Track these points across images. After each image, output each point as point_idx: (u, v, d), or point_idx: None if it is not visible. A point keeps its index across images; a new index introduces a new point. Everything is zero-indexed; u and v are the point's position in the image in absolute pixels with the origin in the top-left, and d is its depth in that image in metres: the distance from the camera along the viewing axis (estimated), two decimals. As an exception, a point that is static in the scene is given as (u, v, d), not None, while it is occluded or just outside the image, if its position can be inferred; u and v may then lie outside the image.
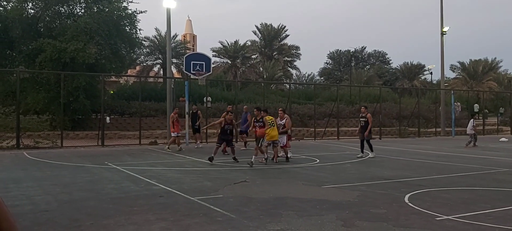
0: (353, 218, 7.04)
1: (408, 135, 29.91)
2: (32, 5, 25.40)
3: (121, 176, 11.47)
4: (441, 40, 33.10)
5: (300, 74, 65.33)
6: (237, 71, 55.23)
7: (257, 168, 13.21)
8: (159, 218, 6.94)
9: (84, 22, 23.47)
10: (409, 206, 8.00)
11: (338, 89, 33.13)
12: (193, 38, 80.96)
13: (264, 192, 9.15)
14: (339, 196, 8.81)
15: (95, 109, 25.59)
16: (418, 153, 18.25)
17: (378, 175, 11.84)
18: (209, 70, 23.42)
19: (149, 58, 49.14)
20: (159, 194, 8.93)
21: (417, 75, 65.16)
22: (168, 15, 23.46)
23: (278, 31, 61.08)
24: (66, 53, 22.34)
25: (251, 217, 7.01)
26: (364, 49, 72.85)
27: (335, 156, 16.63)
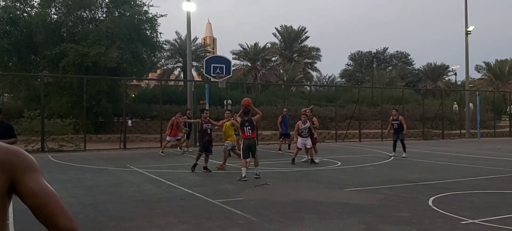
0: (376, 221, 6.92)
1: (432, 137, 29.39)
2: (55, 11, 25.88)
3: (143, 178, 11.55)
4: (465, 40, 32.47)
5: (320, 76, 65.02)
6: (257, 73, 55.20)
7: (278, 171, 13.14)
8: (181, 221, 6.94)
9: (106, 26, 23.78)
10: (434, 209, 7.83)
11: (360, 91, 32.74)
12: (213, 41, 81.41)
13: (285, 195, 9.08)
14: (362, 199, 8.68)
15: (117, 113, 25.89)
16: (442, 155, 17.90)
17: (402, 177, 11.65)
18: (229, 73, 23.46)
19: (170, 61, 49.60)
20: (180, 196, 8.95)
21: (441, 76, 64.07)
22: (188, 18, 23.61)
23: (298, 33, 60.88)
24: (88, 57, 22.67)
25: (272, 220, 6.95)
26: (386, 50, 72.06)
27: (357, 159, 16.44)
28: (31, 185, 1.42)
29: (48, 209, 1.39)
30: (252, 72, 55.33)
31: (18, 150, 1.48)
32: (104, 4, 26.46)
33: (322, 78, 64.74)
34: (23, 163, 1.45)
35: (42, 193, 1.41)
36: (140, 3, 25.97)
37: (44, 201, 1.40)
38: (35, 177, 1.44)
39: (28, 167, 1.45)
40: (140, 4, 25.93)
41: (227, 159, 13.87)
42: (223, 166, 13.59)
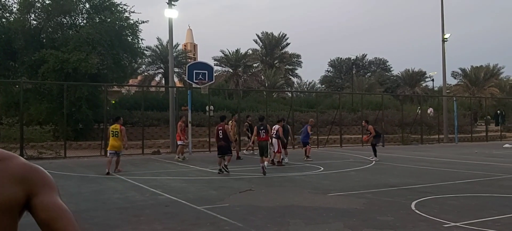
0: (361, 225, 7.02)
1: (411, 141, 29.86)
2: (34, 16, 25.52)
3: (125, 186, 11.46)
4: (442, 47, 33.14)
5: (301, 82, 65.42)
6: (239, 79, 55.26)
7: (261, 177, 13.19)
8: (166, 227, 6.93)
9: (86, 32, 23.54)
10: (416, 213, 7.98)
11: (340, 97, 33.09)
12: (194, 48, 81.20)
13: (270, 201, 9.13)
14: (346, 203, 8.79)
15: (98, 119, 25.59)
16: (422, 160, 18.21)
17: (384, 182, 11.82)
18: (211, 79, 23.45)
19: (151, 67, 49.30)
20: (165, 203, 8.91)
21: (419, 82, 65.16)
22: (170, 24, 23.55)
23: (279, 40, 61.22)
24: (68, 63, 22.40)
25: (258, 226, 6.99)
26: (365, 56, 72.92)
27: (339, 164, 16.60)
28: (45, 200, 1.41)
29: (59, 224, 1.37)
30: (233, 78, 55.36)
31: (37, 168, 1.48)
32: (84, 10, 26.21)
33: (302, 84, 65.19)
34: (41, 179, 1.45)
35: (56, 208, 1.40)
36: (121, 9, 25.81)
37: (56, 215, 1.38)
38: (51, 193, 1.44)
39: (46, 184, 1.45)
40: (121, 10, 25.77)
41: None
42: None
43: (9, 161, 1.45)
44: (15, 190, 1.41)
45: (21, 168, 1.44)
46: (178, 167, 16.06)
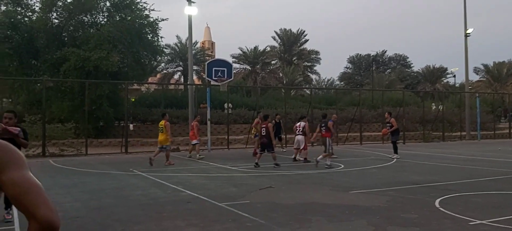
0: (384, 223, 6.92)
1: (432, 139, 29.43)
2: (56, 15, 25.89)
3: (147, 182, 11.54)
4: (464, 43, 32.56)
5: (319, 79, 65.04)
6: (257, 77, 55.23)
7: (281, 174, 13.15)
8: (189, 224, 6.94)
9: (107, 31, 23.80)
10: (441, 210, 7.84)
11: (360, 94, 32.77)
12: (212, 45, 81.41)
13: (291, 198, 9.08)
14: (368, 201, 8.68)
15: (118, 117, 25.87)
16: (444, 157, 17.92)
17: (406, 179, 11.66)
18: (230, 76, 23.49)
19: (170, 65, 49.61)
20: (187, 200, 8.94)
21: (440, 78, 64.21)
22: (190, 22, 23.64)
23: (297, 36, 60.98)
24: (89, 61, 22.68)
25: (280, 223, 6.95)
26: (385, 53, 72.19)
27: (360, 161, 16.44)
28: (13, 175, 1.39)
29: (29, 198, 1.36)
30: (252, 75, 55.36)
31: (6, 145, 1.46)
32: (105, 9, 26.49)
33: (321, 81, 64.80)
34: (8, 156, 1.43)
35: (25, 183, 1.39)
36: (141, 8, 26.02)
37: (25, 190, 1.37)
38: (20, 169, 1.42)
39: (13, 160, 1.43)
40: (141, 9, 25.98)
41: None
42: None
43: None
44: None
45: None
46: (198, 164, 16.12)
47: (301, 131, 16.56)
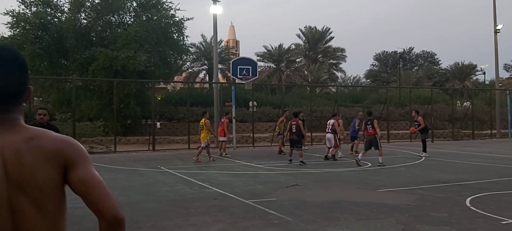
0: (414, 221, 6.82)
1: (462, 137, 28.81)
2: (84, 16, 26.38)
3: (174, 179, 11.67)
4: (494, 39, 31.74)
5: (345, 77, 64.36)
6: (282, 75, 55.06)
7: (307, 172, 13.10)
8: (216, 220, 6.98)
9: (134, 30, 24.13)
10: (472, 209, 7.68)
11: (387, 91, 32.32)
12: (236, 44, 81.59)
13: (318, 196, 9.03)
14: (397, 199, 8.56)
15: (145, 115, 26.24)
16: (475, 156, 17.52)
17: (435, 178, 11.46)
18: (255, 74, 23.52)
19: (195, 64, 49.92)
20: (213, 196, 9.00)
21: (469, 75, 62.73)
22: (215, 21, 23.77)
23: (322, 34, 60.49)
24: (117, 61, 23.04)
25: (307, 220, 6.92)
26: (412, 50, 70.90)
27: (388, 159, 16.21)
28: (80, 173, 1.46)
29: (95, 194, 1.43)
30: (276, 73, 55.20)
31: (72, 141, 1.52)
32: (132, 9, 26.86)
33: (347, 79, 64.12)
34: (75, 152, 1.49)
35: (90, 180, 1.46)
36: (167, 7, 26.29)
37: (92, 187, 1.44)
38: (85, 166, 1.48)
39: (80, 156, 1.49)
40: (167, 8, 26.24)
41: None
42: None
43: (42, 138, 1.47)
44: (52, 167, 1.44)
45: (53, 143, 1.47)
46: (224, 162, 16.21)
47: (330, 129, 16.52)
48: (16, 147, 1.44)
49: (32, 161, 1.42)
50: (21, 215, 1.42)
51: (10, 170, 1.42)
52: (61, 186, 1.48)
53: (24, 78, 1.55)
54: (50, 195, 1.44)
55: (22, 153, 1.43)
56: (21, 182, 1.41)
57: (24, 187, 1.41)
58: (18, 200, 1.42)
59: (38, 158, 1.43)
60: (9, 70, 1.49)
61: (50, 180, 1.44)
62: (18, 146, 1.44)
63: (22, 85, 1.54)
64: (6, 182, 1.41)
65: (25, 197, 1.42)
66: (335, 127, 16.51)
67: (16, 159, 1.42)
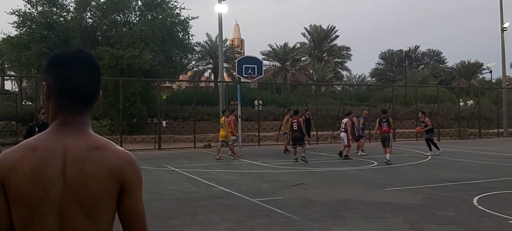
0: (421, 221, 6.80)
1: (468, 136, 28.67)
2: (90, 15, 26.49)
3: (180, 178, 11.69)
4: (501, 37, 31.56)
5: (351, 75, 64.24)
6: (287, 73, 55.04)
7: (313, 171, 13.09)
8: (223, 218, 6.99)
9: (140, 29, 24.20)
10: (479, 208, 7.65)
11: (393, 90, 32.21)
12: (241, 43, 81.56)
13: (324, 195, 9.02)
14: (403, 198, 8.54)
15: (151, 114, 26.31)
16: (481, 155, 17.43)
17: (442, 177, 11.41)
18: (261, 73, 23.52)
19: (201, 63, 49.98)
20: (220, 195, 9.01)
21: (475, 74, 62.41)
22: (220, 20, 23.77)
23: (327, 32, 60.38)
24: (123, 60, 23.11)
25: (314, 219, 6.92)
26: (418, 48, 70.67)
27: (394, 158, 16.09)
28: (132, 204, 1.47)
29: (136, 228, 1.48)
30: (281, 72, 55.19)
31: (132, 160, 1.50)
32: (137, 8, 26.93)
33: (352, 78, 63.99)
34: (134, 174, 1.49)
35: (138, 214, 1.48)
36: (172, 6, 26.34)
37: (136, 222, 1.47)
38: (137, 194, 1.49)
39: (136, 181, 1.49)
40: (172, 7, 26.29)
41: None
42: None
43: (105, 149, 1.47)
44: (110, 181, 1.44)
45: (116, 159, 1.47)
46: (229, 161, 16.21)
47: (343, 128, 16.57)
48: (78, 154, 1.43)
49: (92, 170, 1.42)
50: (70, 221, 1.42)
51: (69, 175, 1.42)
52: (114, 200, 1.47)
53: (99, 81, 1.56)
54: (102, 206, 1.44)
55: (83, 160, 1.43)
56: (77, 189, 1.41)
57: (79, 194, 1.41)
58: (70, 206, 1.41)
59: (98, 168, 1.43)
60: (87, 73, 1.51)
61: (105, 192, 1.43)
62: (81, 152, 1.44)
63: (96, 89, 1.54)
64: (63, 186, 1.41)
65: (77, 204, 1.41)
66: (347, 126, 16.47)
67: (76, 166, 1.42)
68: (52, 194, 1.40)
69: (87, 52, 1.55)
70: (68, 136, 1.46)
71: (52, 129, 1.50)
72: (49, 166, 1.41)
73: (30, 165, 1.41)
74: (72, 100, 1.49)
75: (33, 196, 1.40)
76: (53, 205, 1.41)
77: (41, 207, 1.41)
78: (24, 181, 1.40)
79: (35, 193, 1.40)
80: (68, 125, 1.48)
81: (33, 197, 1.40)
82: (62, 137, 1.46)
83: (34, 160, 1.42)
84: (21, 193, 1.41)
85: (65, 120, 1.49)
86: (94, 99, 1.54)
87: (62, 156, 1.43)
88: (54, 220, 1.41)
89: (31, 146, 1.45)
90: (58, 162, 1.42)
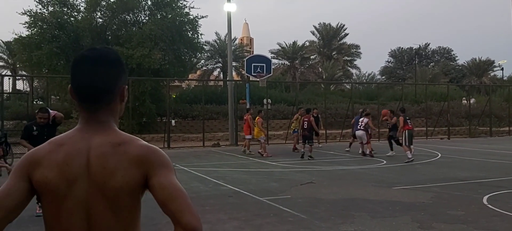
0: (429, 220, 6.77)
1: (479, 134, 28.42)
2: (100, 15, 26.64)
3: (189, 176, 11.74)
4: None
5: (360, 73, 63.92)
6: (296, 72, 54.95)
7: (322, 170, 13.07)
8: (231, 217, 7.02)
9: (149, 29, 24.31)
10: (489, 207, 7.60)
11: (403, 88, 31.99)
12: (250, 41, 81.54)
13: (333, 193, 9.01)
14: (412, 197, 8.50)
15: (160, 113, 26.43)
16: (492, 153, 17.28)
17: (451, 175, 11.33)
18: (269, 71, 23.54)
19: (210, 62, 50.07)
20: (228, 194, 9.04)
21: (486, 71, 61.79)
22: (229, 19, 23.80)
23: (337, 31, 60.16)
24: (132, 59, 23.23)
25: (322, 218, 6.92)
26: (428, 46, 70.17)
27: (403, 157, 16.04)
28: (162, 180, 1.45)
29: (175, 204, 1.41)
30: (290, 71, 55.12)
31: (155, 149, 1.52)
32: (146, 7, 27.04)
33: (361, 76, 63.68)
34: (158, 160, 1.49)
35: (171, 188, 1.44)
36: (181, 5, 26.41)
37: (172, 196, 1.43)
38: (167, 173, 1.48)
39: (163, 165, 1.49)
40: (181, 6, 26.36)
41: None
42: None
43: (129, 144, 1.50)
44: (134, 173, 1.46)
45: (139, 150, 1.49)
46: (238, 159, 16.25)
47: (362, 127, 16.58)
48: (102, 150, 1.46)
49: (115, 166, 1.44)
50: (96, 217, 1.45)
51: (93, 172, 1.45)
52: (139, 194, 1.50)
53: (110, 77, 1.54)
54: (126, 201, 1.46)
55: (106, 156, 1.45)
56: (102, 185, 1.44)
57: (104, 190, 1.44)
58: (95, 202, 1.44)
59: (121, 163, 1.45)
60: (92, 71, 1.51)
61: (128, 185, 1.45)
62: (104, 149, 1.47)
63: (108, 84, 1.53)
64: (88, 183, 1.44)
65: (103, 199, 1.44)
66: (370, 124, 16.86)
67: (100, 162, 1.45)
68: (77, 190, 1.44)
69: (99, 49, 1.56)
70: (92, 133, 1.50)
71: (77, 126, 1.55)
72: (73, 162, 1.45)
73: (56, 161, 1.46)
74: (85, 99, 1.53)
75: (58, 192, 1.44)
76: (79, 202, 1.45)
77: (67, 204, 1.45)
78: (50, 177, 1.45)
79: (60, 189, 1.44)
80: (91, 122, 1.52)
81: (58, 193, 1.44)
82: (86, 135, 1.50)
83: (60, 156, 1.46)
84: (47, 188, 1.45)
85: (87, 118, 1.53)
86: (108, 94, 1.54)
87: (86, 153, 1.47)
88: (80, 217, 1.45)
89: (58, 143, 1.50)
90: (83, 159, 1.46)
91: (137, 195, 1.50)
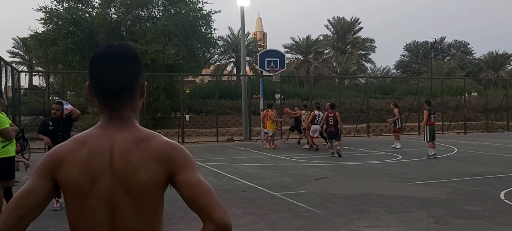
0: (446, 215, 6.69)
1: (496, 129, 28.01)
2: (114, 11, 26.84)
3: (203, 171, 11.76)
4: (531, 26, 30.58)
5: (375, 67, 63.36)
6: (310, 66, 54.69)
7: (336, 165, 13.02)
8: (245, 212, 7.03)
9: (163, 24, 24.41)
10: (506, 203, 7.49)
11: (418, 82, 31.66)
12: (264, 36, 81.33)
13: (347, 188, 8.97)
14: (428, 192, 8.41)
15: (174, 108, 26.57)
16: (509, 148, 17.02)
17: (468, 170, 11.19)
18: (283, 66, 23.45)
19: (223, 57, 50.10)
20: (242, 189, 9.05)
21: (503, 65, 60.77)
22: (242, 13, 23.76)
23: (351, 24, 59.67)
24: (147, 55, 23.37)
25: (337, 213, 6.89)
26: (444, 39, 69.24)
27: (418, 152, 15.92)
28: (189, 177, 1.45)
29: (204, 200, 1.41)
30: (304, 65, 54.87)
31: (178, 146, 1.53)
32: (160, 3, 27.16)
33: (376, 70, 63.14)
34: (182, 158, 1.49)
35: (199, 185, 1.44)
36: (194, 1, 26.46)
37: (200, 192, 1.43)
38: (192, 171, 1.48)
39: (187, 162, 1.49)
40: (194, 2, 26.41)
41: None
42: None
43: (152, 140, 1.50)
44: (157, 169, 1.46)
45: (162, 147, 1.49)
46: (252, 154, 16.26)
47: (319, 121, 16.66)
48: (125, 146, 1.47)
49: (138, 161, 1.45)
50: (120, 213, 1.45)
51: (116, 168, 1.45)
52: (162, 190, 1.50)
53: (131, 73, 1.54)
54: (149, 196, 1.46)
55: (130, 152, 1.46)
56: (125, 181, 1.44)
57: (127, 185, 1.44)
58: (119, 198, 1.45)
59: (144, 158, 1.45)
60: (113, 68, 1.50)
61: (152, 181, 1.45)
62: (127, 145, 1.47)
63: (127, 80, 1.53)
64: (111, 179, 1.45)
65: (126, 195, 1.44)
66: (396, 113, 17.80)
67: (123, 158, 1.45)
68: (100, 187, 1.45)
69: (117, 46, 1.55)
70: (115, 130, 1.50)
71: (99, 124, 1.55)
72: (96, 159, 1.46)
73: (78, 158, 1.46)
74: (107, 96, 1.53)
75: (82, 189, 1.45)
76: (102, 198, 1.45)
77: (90, 200, 1.45)
78: (73, 174, 1.46)
79: (84, 186, 1.45)
80: (113, 119, 1.52)
81: (82, 190, 1.45)
82: (109, 131, 1.51)
83: (83, 153, 1.47)
84: (71, 186, 1.46)
85: (109, 115, 1.53)
86: (128, 91, 1.53)
87: (109, 149, 1.47)
88: (104, 213, 1.45)
89: (81, 140, 1.51)
90: (106, 156, 1.46)
91: (160, 191, 1.49)
